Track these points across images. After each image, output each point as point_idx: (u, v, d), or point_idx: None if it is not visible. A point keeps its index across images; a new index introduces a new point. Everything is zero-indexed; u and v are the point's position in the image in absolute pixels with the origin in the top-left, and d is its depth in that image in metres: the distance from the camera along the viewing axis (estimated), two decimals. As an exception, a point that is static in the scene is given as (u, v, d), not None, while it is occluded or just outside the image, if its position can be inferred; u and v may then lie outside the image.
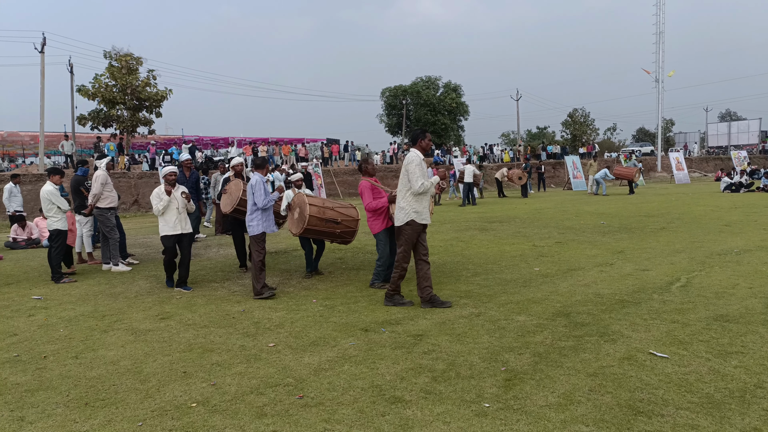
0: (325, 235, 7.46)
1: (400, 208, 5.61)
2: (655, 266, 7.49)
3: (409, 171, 5.53)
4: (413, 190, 5.51)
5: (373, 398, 3.57)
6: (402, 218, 5.59)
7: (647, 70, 42.49)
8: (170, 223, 7.04)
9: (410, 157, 5.61)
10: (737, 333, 4.61)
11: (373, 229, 6.89)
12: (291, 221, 7.33)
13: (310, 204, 7.08)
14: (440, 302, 5.73)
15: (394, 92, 49.89)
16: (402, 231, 5.63)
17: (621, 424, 3.12)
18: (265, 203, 6.47)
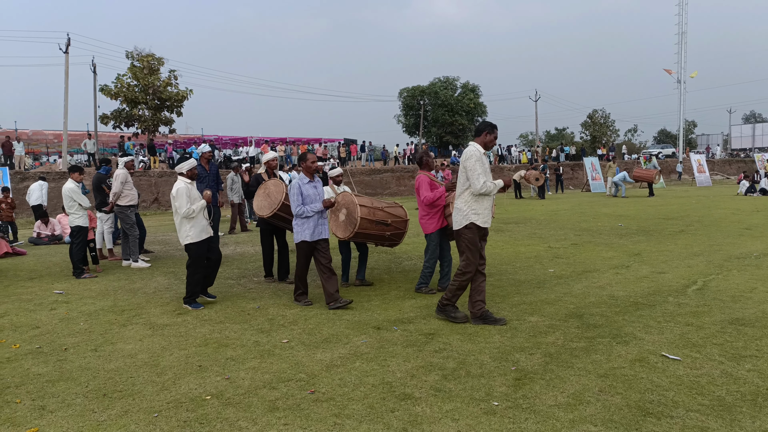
0: (374, 239, 6.81)
1: (458, 210, 5.01)
2: (671, 269, 7.42)
3: (468, 167, 4.90)
4: (473, 189, 4.88)
5: (383, 394, 3.62)
6: (460, 220, 4.98)
7: (669, 71, 41.94)
8: (201, 226, 5.98)
9: (469, 151, 4.96)
10: (752, 337, 4.56)
11: (427, 229, 6.34)
12: (335, 223, 6.62)
13: (360, 205, 6.40)
14: (493, 319, 5.09)
15: (412, 92, 49.89)
16: (461, 235, 4.99)
17: (630, 425, 3.12)
18: (299, 212, 5.75)
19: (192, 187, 6.02)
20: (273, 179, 7.13)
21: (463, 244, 5.00)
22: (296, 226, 5.86)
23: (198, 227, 5.94)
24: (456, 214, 5.05)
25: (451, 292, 5.13)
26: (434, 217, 6.27)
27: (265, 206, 6.81)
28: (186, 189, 5.91)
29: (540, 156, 38.86)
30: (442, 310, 5.25)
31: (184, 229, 5.92)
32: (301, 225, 5.83)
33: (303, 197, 5.78)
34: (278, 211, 6.66)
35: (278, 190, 6.81)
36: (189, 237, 5.90)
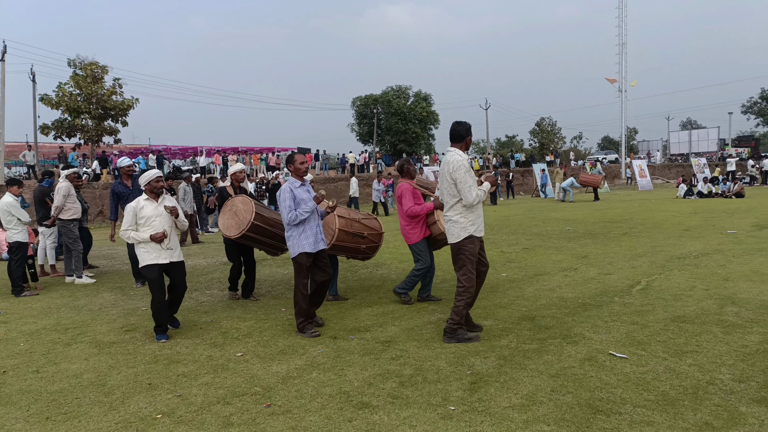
0: (349, 251, 6.49)
1: (453, 222, 4.69)
2: (617, 270, 7.71)
3: (458, 179, 4.58)
4: (467, 201, 4.59)
5: (341, 404, 3.60)
6: (458, 233, 4.67)
7: (612, 80, 43.72)
8: (153, 247, 5.19)
9: (456, 161, 4.62)
10: (693, 333, 4.79)
11: (411, 239, 6.12)
12: None
13: (338, 215, 6.07)
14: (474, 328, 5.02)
15: (365, 101, 50.11)
16: (461, 249, 4.69)
17: (581, 423, 3.22)
18: (291, 218, 5.04)
19: (148, 205, 5.20)
20: (240, 195, 6.53)
21: (463, 257, 4.69)
22: (292, 237, 5.13)
23: (151, 249, 5.19)
24: (452, 227, 4.71)
25: (459, 314, 4.72)
26: (417, 226, 6.11)
27: (232, 226, 6.26)
28: (133, 209, 5.17)
29: (491, 163, 39.70)
30: (453, 335, 4.76)
31: (137, 250, 5.28)
32: (298, 235, 5.11)
33: (296, 201, 5.11)
34: (247, 231, 6.17)
35: (246, 209, 6.26)
36: (142, 259, 5.22)
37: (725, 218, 13.90)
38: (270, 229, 6.42)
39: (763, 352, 4.21)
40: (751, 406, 3.34)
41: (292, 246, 5.13)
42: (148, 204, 5.23)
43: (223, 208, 6.45)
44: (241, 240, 6.37)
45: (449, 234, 4.76)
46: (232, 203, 6.41)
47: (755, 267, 7.44)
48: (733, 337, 4.61)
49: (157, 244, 5.16)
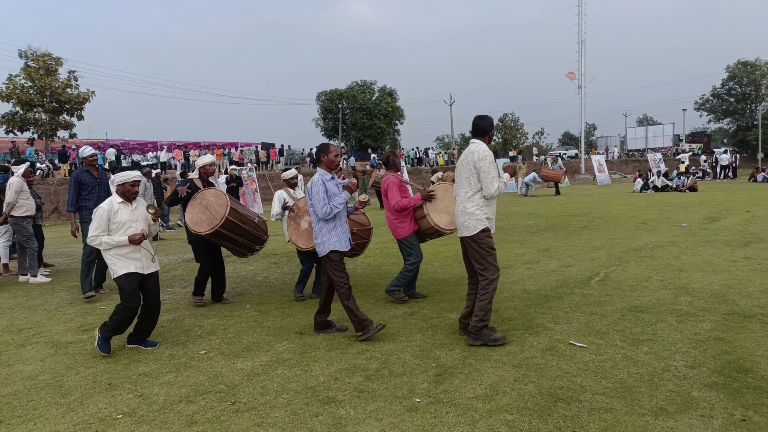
0: None
1: (469, 214, 4.53)
2: (577, 262, 7.91)
3: (482, 169, 4.46)
4: (488, 192, 4.48)
5: (307, 400, 3.59)
6: (474, 226, 4.51)
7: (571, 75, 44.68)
8: (130, 254, 4.59)
9: (481, 150, 4.52)
10: (649, 322, 4.96)
11: (400, 233, 5.98)
12: (296, 232, 5.99)
13: None
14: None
15: (330, 96, 49.84)
16: (478, 242, 4.52)
17: (542, 411, 3.30)
18: (326, 212, 4.73)
19: (123, 209, 4.61)
20: (212, 189, 6.11)
21: (482, 250, 4.51)
22: (321, 233, 4.80)
23: (124, 258, 4.58)
24: (468, 219, 4.54)
25: (484, 311, 4.47)
26: (406, 220, 5.96)
27: (203, 221, 5.81)
28: (106, 212, 4.54)
29: (456, 158, 40.08)
30: (479, 334, 4.49)
31: (108, 258, 4.63)
32: (328, 231, 4.80)
33: (328, 195, 4.81)
34: (220, 227, 5.79)
35: (220, 203, 5.87)
36: (113, 268, 4.59)
37: (679, 211, 14.42)
38: (244, 227, 6.07)
39: (714, 339, 4.40)
40: (702, 390, 3.49)
41: (322, 243, 4.80)
42: (122, 208, 4.63)
43: (192, 201, 5.96)
44: (211, 238, 5.96)
45: (464, 227, 4.57)
46: (202, 196, 5.96)
47: (707, 258, 7.75)
48: (686, 325, 4.79)
49: (136, 247, 4.63)
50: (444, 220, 5.88)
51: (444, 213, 5.90)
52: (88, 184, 7.01)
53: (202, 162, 6.41)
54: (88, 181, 6.98)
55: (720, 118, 58.13)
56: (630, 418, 3.16)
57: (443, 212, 5.90)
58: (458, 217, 4.64)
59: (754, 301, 5.43)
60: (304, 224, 5.95)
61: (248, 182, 22.63)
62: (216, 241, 6.09)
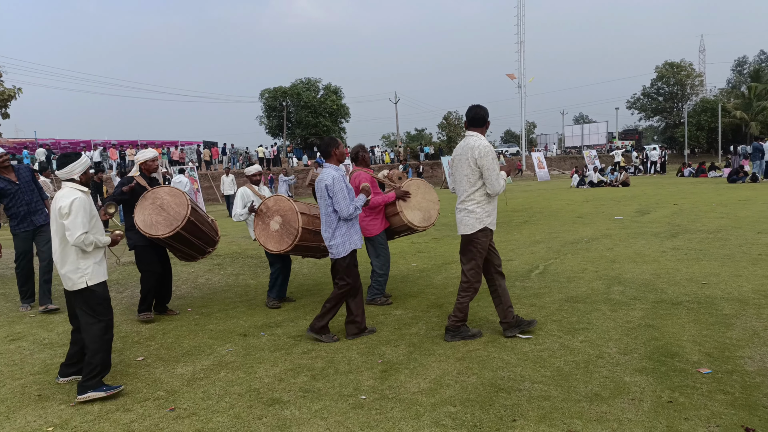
0: (310, 251, 5.84)
1: (469, 212, 4.39)
2: (518, 256, 8.14)
3: (485, 167, 4.27)
4: (494, 191, 4.32)
5: (250, 402, 3.53)
6: (473, 224, 4.38)
7: (512, 75, 45.93)
8: (99, 257, 3.93)
9: (482, 146, 4.30)
10: (584, 312, 5.17)
11: (371, 231, 5.74)
12: (265, 233, 5.58)
13: (300, 212, 5.45)
14: (527, 323, 4.65)
15: (274, 93, 49.06)
16: (473, 241, 4.40)
17: (484, 402, 3.38)
18: (351, 212, 4.55)
19: (89, 200, 3.95)
20: (166, 186, 5.58)
21: (474, 250, 4.41)
22: (340, 234, 4.58)
23: (96, 261, 3.88)
24: (467, 217, 4.40)
25: (463, 311, 4.47)
26: (377, 217, 5.75)
27: (159, 223, 5.29)
28: (88, 203, 3.85)
29: (402, 156, 40.40)
30: (456, 332, 4.50)
31: (76, 261, 3.79)
32: (348, 230, 4.61)
33: (349, 193, 4.61)
34: (181, 229, 5.30)
35: (179, 202, 5.38)
36: (87, 274, 3.79)
37: (613, 205, 15.09)
38: (201, 228, 5.64)
39: (644, 327, 4.63)
40: (633, 375, 3.67)
41: (342, 244, 4.58)
42: (89, 198, 3.95)
43: (142, 202, 5.36)
44: (169, 241, 5.42)
45: (463, 224, 4.44)
46: (154, 195, 5.41)
47: (638, 249, 8.16)
48: (618, 313, 5.03)
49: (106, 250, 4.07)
50: (417, 217, 5.76)
51: (417, 210, 5.80)
52: (6, 191, 5.94)
53: (144, 157, 5.71)
54: (4, 187, 5.94)
55: (650, 117, 61.22)
56: (566, 405, 3.29)
57: (416, 209, 5.81)
58: (456, 214, 4.52)
59: (680, 289, 5.76)
60: (274, 225, 5.55)
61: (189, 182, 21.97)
62: (171, 244, 5.56)
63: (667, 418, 3.06)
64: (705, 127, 50.12)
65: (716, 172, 26.51)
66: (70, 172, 3.89)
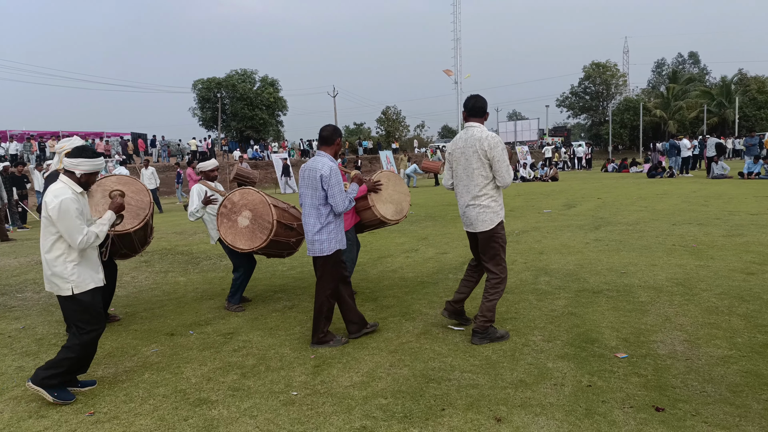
0: (279, 248, 5.46)
1: (484, 207, 4.20)
2: (452, 249, 8.31)
3: (495, 158, 4.10)
4: (506, 182, 4.17)
5: (176, 404, 3.41)
6: (491, 219, 4.20)
7: (449, 72, 46.76)
8: (94, 264, 3.63)
9: (490, 137, 4.13)
10: (512, 301, 5.34)
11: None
12: (232, 230, 5.17)
13: (273, 205, 5.13)
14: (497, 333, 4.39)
15: (208, 85, 47.58)
16: (494, 236, 4.24)
17: (415, 393, 3.43)
18: (347, 206, 4.30)
19: (84, 200, 3.62)
20: (112, 176, 5.00)
21: (497, 245, 4.27)
22: (329, 230, 4.27)
23: (88, 266, 3.56)
24: (483, 213, 4.21)
25: (491, 310, 4.24)
26: (348, 212, 5.47)
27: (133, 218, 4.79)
28: (77, 201, 3.47)
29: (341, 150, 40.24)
30: (485, 334, 4.23)
31: (63, 266, 3.47)
32: (336, 227, 4.33)
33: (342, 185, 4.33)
34: (140, 226, 4.78)
35: (135, 189, 4.87)
36: (73, 281, 3.46)
37: (542, 199, 15.69)
38: (149, 223, 5.11)
39: (567, 315, 4.85)
40: (556, 361, 3.83)
41: (329, 241, 4.26)
42: (82, 198, 3.59)
43: (91, 197, 4.61)
44: (134, 234, 4.92)
45: (480, 221, 4.22)
46: (103, 187, 4.70)
47: (564, 241, 8.52)
48: (544, 303, 5.23)
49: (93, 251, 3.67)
50: (390, 210, 5.57)
51: (389, 203, 5.63)
52: None
53: (72, 146, 4.92)
54: None
55: (577, 114, 64.05)
56: (493, 392, 3.39)
57: (388, 202, 5.64)
58: (468, 211, 4.27)
59: (601, 278, 6.07)
60: (243, 221, 5.17)
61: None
62: (119, 242, 4.92)
63: (586, 401, 3.22)
64: (628, 125, 53.03)
65: (637, 168, 28.11)
66: (76, 164, 3.51)
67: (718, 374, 3.49)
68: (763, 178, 18.53)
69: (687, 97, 53.70)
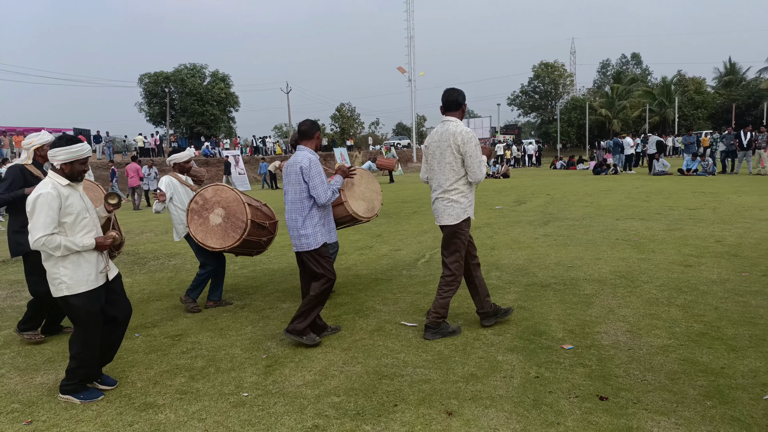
0: (250, 247, 5.29)
1: (453, 202, 4.21)
2: (406, 246, 8.36)
3: (468, 153, 4.11)
4: (477, 179, 4.18)
5: (120, 409, 3.29)
6: (458, 214, 4.22)
7: (402, 69, 46.92)
8: (92, 262, 3.42)
9: (464, 132, 4.14)
10: (465, 297, 5.40)
11: None
12: (203, 228, 4.98)
13: (247, 204, 4.98)
14: (504, 311, 4.59)
15: (155, 79, 46.13)
16: (457, 232, 4.24)
17: (368, 389, 3.43)
18: (329, 198, 4.21)
19: (73, 194, 3.39)
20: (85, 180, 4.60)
21: (458, 242, 4.26)
22: (313, 224, 4.19)
23: (82, 266, 3.37)
24: (452, 207, 4.22)
25: (445, 306, 4.29)
26: None
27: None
28: (55, 198, 3.25)
29: (294, 147, 39.79)
30: (437, 329, 4.29)
31: (55, 263, 3.32)
32: (321, 219, 4.26)
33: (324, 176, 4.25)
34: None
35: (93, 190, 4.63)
36: (64, 282, 3.31)
37: (494, 196, 16.00)
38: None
39: (517, 308, 4.96)
40: (506, 354, 3.91)
41: (314, 234, 4.17)
42: (72, 192, 3.39)
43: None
44: None
45: (446, 215, 4.24)
46: None
47: (515, 237, 8.72)
48: (495, 297, 5.33)
49: (98, 253, 3.48)
50: (362, 207, 5.51)
51: (361, 200, 5.57)
52: None
53: (41, 141, 4.53)
54: None
55: (527, 113, 65.64)
56: (445, 386, 3.43)
57: (360, 199, 5.58)
58: (437, 203, 4.30)
59: (549, 272, 6.24)
60: (215, 218, 4.99)
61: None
62: None
63: (534, 393, 3.30)
64: (575, 124, 54.73)
65: (584, 165, 29.06)
66: (53, 156, 3.36)
67: (658, 363, 3.65)
68: (701, 174, 19.51)
69: (630, 96, 55.89)
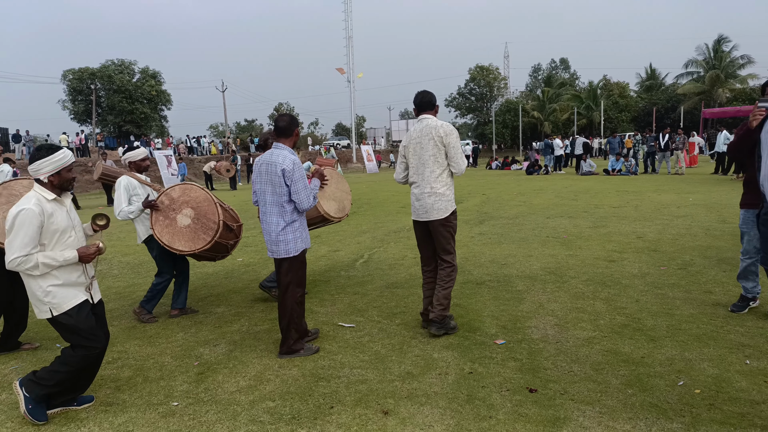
0: (217, 251, 4.97)
1: (439, 195, 4.23)
2: (344, 246, 8.35)
3: (451, 145, 4.18)
4: (460, 170, 4.25)
5: (35, 429, 3.09)
6: (445, 207, 4.25)
7: (341, 70, 46.79)
8: (73, 276, 3.19)
9: (445, 126, 4.21)
10: (402, 296, 5.48)
11: None
12: (169, 229, 4.67)
13: (218, 204, 4.77)
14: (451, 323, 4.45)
15: (80, 75, 43.79)
16: (447, 225, 4.28)
17: (304, 392, 3.39)
18: (311, 203, 4.01)
19: (58, 209, 3.16)
20: (22, 179, 4.37)
21: (448, 234, 4.31)
22: (293, 230, 3.96)
23: (70, 280, 3.17)
24: (438, 201, 4.23)
25: (447, 298, 4.28)
26: None
27: None
28: (37, 216, 3.01)
29: (232, 147, 38.84)
30: (442, 324, 4.26)
31: (37, 285, 3.09)
32: (301, 225, 4.04)
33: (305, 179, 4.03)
34: None
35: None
36: (49, 302, 3.09)
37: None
38: None
39: (453, 306, 5.03)
40: (441, 352, 3.98)
41: (294, 240, 3.95)
42: (57, 208, 3.15)
43: None
44: None
45: (435, 210, 4.24)
46: (10, 192, 4.18)
47: (451, 235, 8.89)
48: (432, 296, 5.41)
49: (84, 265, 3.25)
50: (333, 207, 5.43)
51: (332, 200, 5.48)
52: None
53: None
54: None
55: (464, 114, 67.05)
56: (381, 386, 3.44)
57: (331, 199, 5.48)
58: (423, 200, 4.28)
59: (484, 270, 6.40)
60: (183, 219, 4.69)
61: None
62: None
63: (468, 388, 3.37)
64: (509, 125, 56.49)
65: (517, 166, 30.03)
66: (36, 170, 3.14)
67: (584, 354, 3.82)
68: (625, 174, 20.62)
69: (560, 100, 58.28)
